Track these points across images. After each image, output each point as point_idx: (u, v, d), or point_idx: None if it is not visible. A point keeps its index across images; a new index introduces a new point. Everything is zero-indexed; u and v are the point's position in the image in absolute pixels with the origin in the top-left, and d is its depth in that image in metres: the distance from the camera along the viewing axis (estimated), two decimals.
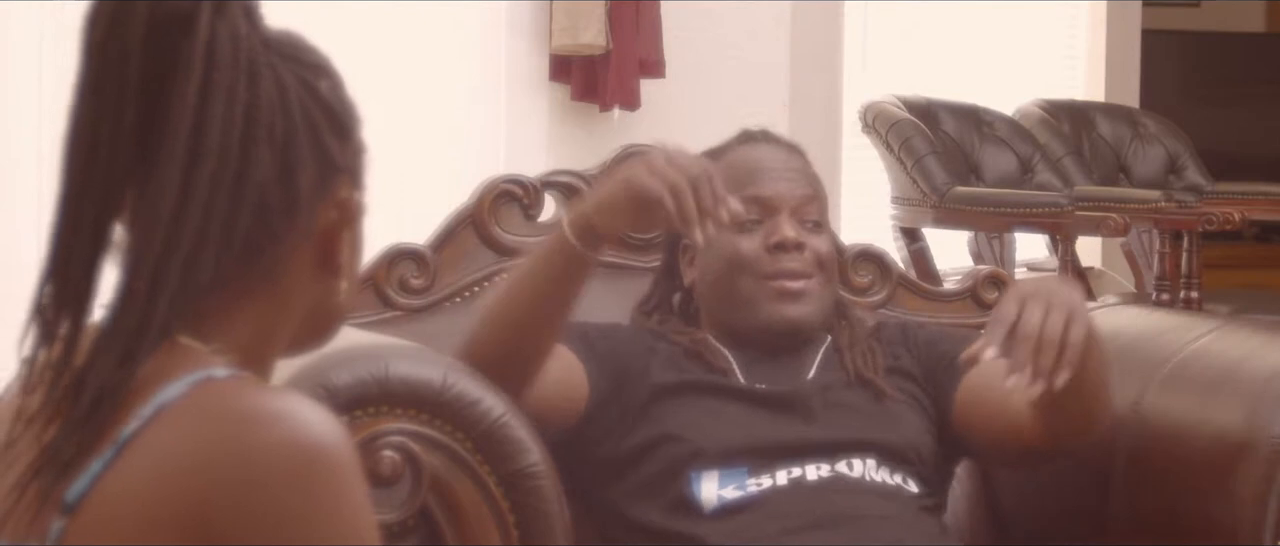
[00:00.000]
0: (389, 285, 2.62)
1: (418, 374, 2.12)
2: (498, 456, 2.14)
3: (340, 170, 1.35)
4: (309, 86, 1.34)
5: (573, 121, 4.74)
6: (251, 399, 1.25)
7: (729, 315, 2.51)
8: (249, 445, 1.22)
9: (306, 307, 1.37)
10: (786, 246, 2.47)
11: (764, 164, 2.54)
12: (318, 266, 1.36)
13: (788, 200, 2.51)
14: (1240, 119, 7.68)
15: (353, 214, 1.37)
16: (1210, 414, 2.37)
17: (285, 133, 1.30)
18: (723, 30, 4.86)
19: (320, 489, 1.22)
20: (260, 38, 1.31)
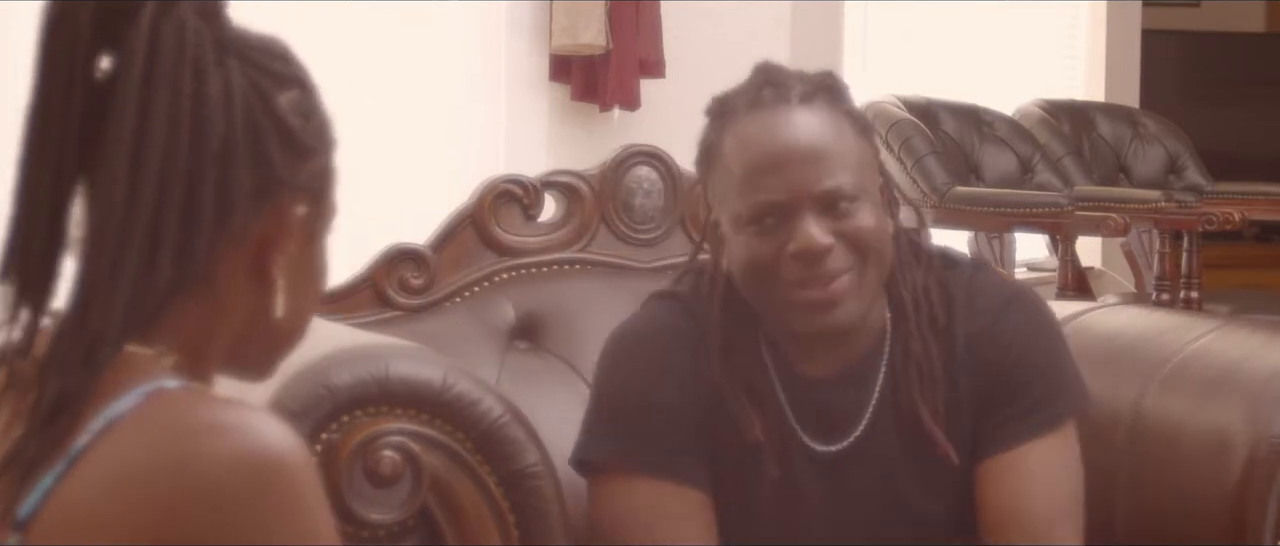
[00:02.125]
0: (389, 285, 2.62)
1: (418, 374, 2.11)
2: (498, 456, 2.14)
3: (284, 184, 1.34)
4: (263, 95, 1.32)
5: (573, 121, 4.74)
6: (204, 411, 1.24)
7: (768, 318, 2.19)
8: (203, 458, 1.21)
9: (242, 320, 1.35)
10: (809, 257, 2.10)
11: (775, 151, 2.13)
12: (252, 278, 1.34)
13: (807, 197, 2.11)
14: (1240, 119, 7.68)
15: (293, 231, 1.35)
16: (1210, 414, 2.37)
17: (225, 135, 1.29)
18: (723, 30, 4.86)
19: (276, 500, 1.21)
20: (214, 37, 1.29)
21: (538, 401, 2.46)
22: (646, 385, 2.19)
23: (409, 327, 2.56)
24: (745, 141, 2.15)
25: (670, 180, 2.72)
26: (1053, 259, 5.13)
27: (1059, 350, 2.25)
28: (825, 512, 2.20)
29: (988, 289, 2.24)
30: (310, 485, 1.24)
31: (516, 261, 2.66)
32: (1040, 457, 2.18)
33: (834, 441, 2.21)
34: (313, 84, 1.38)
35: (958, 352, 2.21)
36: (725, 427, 2.18)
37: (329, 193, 1.40)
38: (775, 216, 2.11)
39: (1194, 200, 5.19)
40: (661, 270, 2.71)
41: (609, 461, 2.20)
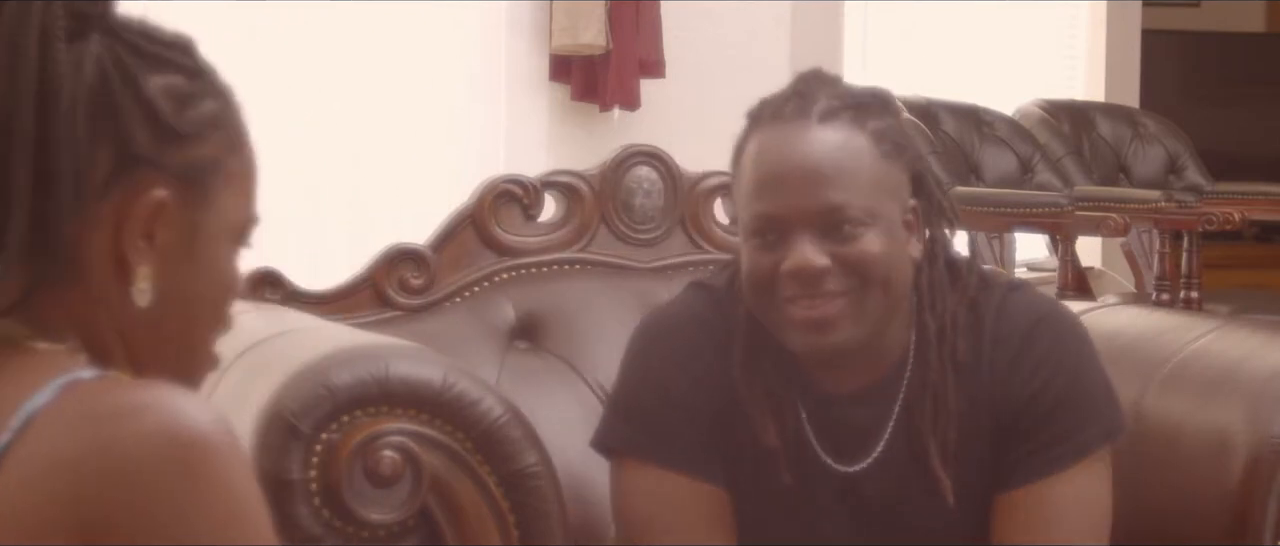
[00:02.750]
0: (389, 285, 2.62)
1: (418, 374, 2.11)
2: (498, 456, 2.14)
3: (145, 163, 1.31)
4: (125, 70, 1.30)
5: (573, 121, 4.74)
6: (120, 394, 1.24)
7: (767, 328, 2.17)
8: (122, 439, 1.20)
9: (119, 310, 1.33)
10: (801, 276, 2.08)
11: (780, 165, 2.11)
12: (114, 264, 1.32)
13: (804, 216, 2.08)
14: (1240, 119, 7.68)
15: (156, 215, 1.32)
16: (1210, 414, 2.37)
17: (71, 104, 1.27)
18: (723, 30, 4.86)
19: (199, 476, 1.20)
20: (75, 10, 1.28)
21: (538, 401, 2.46)
22: (668, 376, 2.18)
23: (409, 327, 2.56)
24: (759, 152, 2.13)
25: (670, 180, 2.72)
26: (1053, 259, 5.13)
27: (1087, 377, 2.18)
28: (837, 531, 2.19)
29: (1015, 313, 2.18)
30: (233, 459, 1.23)
31: (516, 261, 2.66)
32: (1062, 493, 2.14)
33: (849, 461, 2.18)
34: (208, 79, 1.35)
35: (982, 384, 2.17)
36: (742, 429, 2.17)
37: (220, 190, 1.36)
38: (775, 231, 2.09)
39: (1194, 200, 5.19)
40: (661, 270, 2.71)
41: (626, 447, 2.20)
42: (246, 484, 1.24)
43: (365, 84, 4.56)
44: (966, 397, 2.16)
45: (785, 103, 2.15)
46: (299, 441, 2.04)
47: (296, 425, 2.04)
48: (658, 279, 2.71)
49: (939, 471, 2.14)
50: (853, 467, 2.18)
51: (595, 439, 2.25)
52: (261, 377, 2.09)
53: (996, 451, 2.16)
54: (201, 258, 1.36)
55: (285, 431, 2.03)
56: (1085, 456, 2.15)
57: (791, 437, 2.17)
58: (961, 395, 2.16)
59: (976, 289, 2.20)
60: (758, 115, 2.17)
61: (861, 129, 2.12)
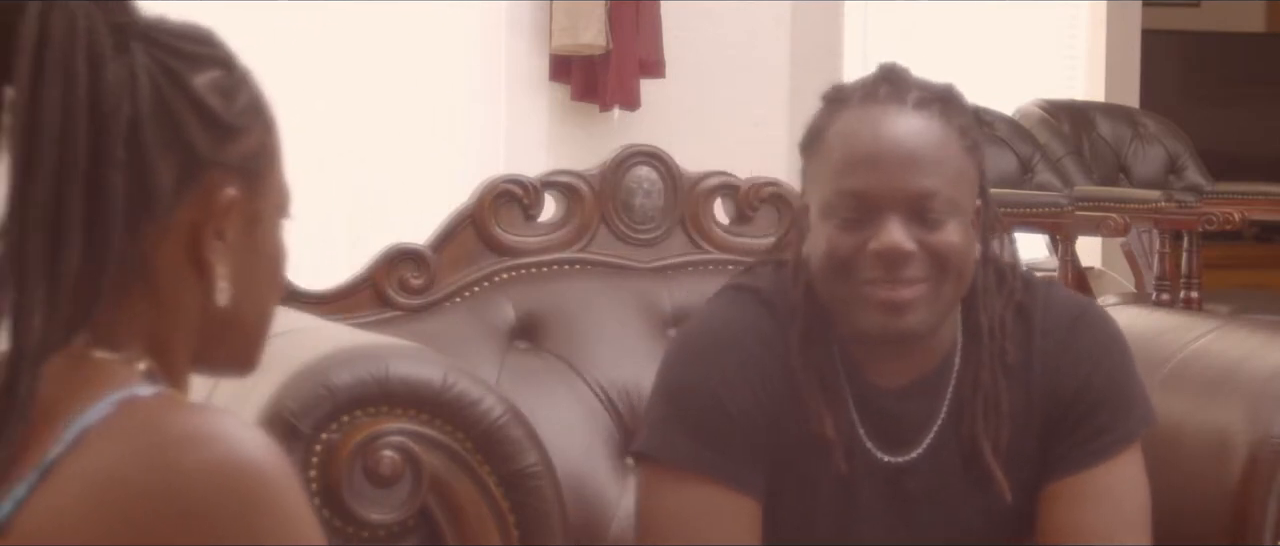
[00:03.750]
0: (389, 285, 2.62)
1: (418, 374, 2.11)
2: (498, 456, 2.14)
3: (209, 165, 1.31)
4: (175, 76, 1.30)
5: (573, 121, 4.74)
6: (180, 420, 1.23)
7: (833, 314, 2.16)
8: (183, 469, 1.19)
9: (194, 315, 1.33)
10: (888, 258, 2.08)
11: (877, 144, 2.10)
12: (190, 266, 1.32)
13: (897, 197, 2.08)
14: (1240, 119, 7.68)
15: (227, 214, 1.32)
16: (1210, 414, 2.37)
17: (133, 119, 1.26)
18: (723, 30, 4.86)
19: (254, 507, 1.20)
20: (114, 22, 1.27)
21: (538, 401, 2.46)
22: (720, 385, 2.16)
23: (409, 327, 2.56)
24: (850, 130, 2.12)
25: (670, 180, 2.72)
26: (1053, 259, 5.13)
27: (1126, 370, 2.22)
28: (882, 522, 2.19)
29: (1058, 306, 2.23)
30: (292, 494, 1.22)
31: (516, 261, 2.66)
32: (1106, 481, 2.17)
33: (898, 453, 2.19)
34: (239, 66, 1.35)
35: (1033, 379, 2.19)
36: (793, 425, 2.17)
37: (270, 173, 1.36)
38: (862, 210, 2.09)
39: (1194, 200, 5.19)
40: (661, 270, 2.71)
41: (670, 456, 2.17)
42: (303, 518, 1.23)
43: (365, 84, 4.56)
44: (1021, 395, 2.18)
45: (877, 86, 2.15)
46: (299, 441, 2.04)
47: (296, 425, 2.04)
48: (658, 279, 2.71)
49: (994, 468, 2.16)
50: (900, 459, 2.19)
51: (639, 445, 2.23)
52: (261, 377, 2.08)
53: (1044, 444, 2.19)
54: (263, 241, 1.37)
55: (285, 431, 2.03)
56: (1129, 445, 2.19)
57: (842, 431, 2.17)
58: (1015, 394, 2.18)
59: (1022, 292, 2.23)
60: (842, 97, 2.17)
61: (950, 122, 2.14)
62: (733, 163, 2.87)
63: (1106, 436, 2.18)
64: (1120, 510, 2.18)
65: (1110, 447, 2.18)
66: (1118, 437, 2.19)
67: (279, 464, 1.22)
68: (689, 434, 2.16)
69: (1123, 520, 2.18)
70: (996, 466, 2.16)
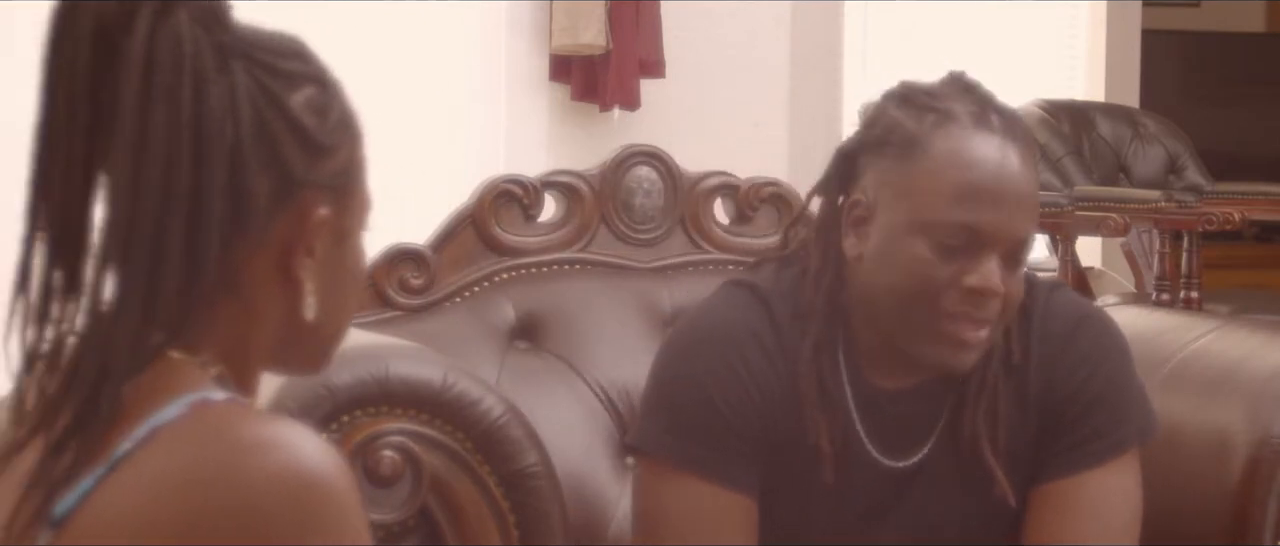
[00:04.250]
0: (389, 285, 2.62)
1: (418, 374, 2.11)
2: (498, 456, 2.14)
3: (304, 184, 1.32)
4: (273, 96, 1.31)
5: (573, 121, 4.74)
6: (249, 426, 1.24)
7: (885, 325, 2.13)
8: (245, 473, 1.20)
9: (278, 324, 1.35)
10: (983, 295, 2.06)
11: (999, 183, 2.08)
12: (280, 281, 1.33)
13: (1006, 239, 2.07)
14: (1240, 119, 7.68)
15: (318, 232, 1.33)
16: (1210, 414, 2.37)
17: (234, 141, 1.27)
18: (723, 30, 4.86)
19: (316, 519, 1.21)
20: (216, 41, 1.28)
21: (538, 401, 2.46)
22: (713, 383, 2.15)
23: (409, 327, 2.56)
24: (970, 157, 2.09)
25: (670, 180, 2.72)
26: (1053, 259, 5.13)
27: (1124, 376, 2.21)
28: (882, 526, 2.19)
29: (1059, 310, 2.21)
30: (352, 506, 1.23)
31: (516, 261, 2.66)
32: (1095, 487, 2.16)
33: (898, 456, 2.19)
34: (331, 79, 1.37)
35: (1031, 381, 2.18)
36: (791, 426, 2.16)
37: (357, 187, 1.38)
38: (969, 242, 2.06)
39: (1194, 200, 5.18)
40: (661, 270, 2.71)
41: (662, 453, 2.17)
42: (361, 531, 1.24)
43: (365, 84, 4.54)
44: (1017, 397, 2.17)
45: (985, 112, 2.14)
46: None
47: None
48: (658, 279, 2.71)
49: (995, 468, 2.15)
50: (901, 463, 2.18)
51: (631, 440, 2.24)
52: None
53: (1038, 447, 2.18)
54: (349, 255, 1.38)
55: None
56: (1122, 453, 2.18)
57: (840, 435, 2.16)
58: (1012, 395, 2.17)
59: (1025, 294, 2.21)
60: (942, 109, 2.14)
61: (1031, 153, 2.16)
62: (733, 163, 2.87)
63: (1098, 442, 2.17)
64: (1105, 519, 2.17)
65: (1102, 453, 2.17)
66: (1110, 444, 2.17)
67: (342, 476, 1.23)
68: (678, 429, 2.16)
69: (1107, 529, 2.16)
70: (998, 467, 2.15)
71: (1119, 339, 2.23)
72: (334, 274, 1.36)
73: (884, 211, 2.11)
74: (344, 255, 1.37)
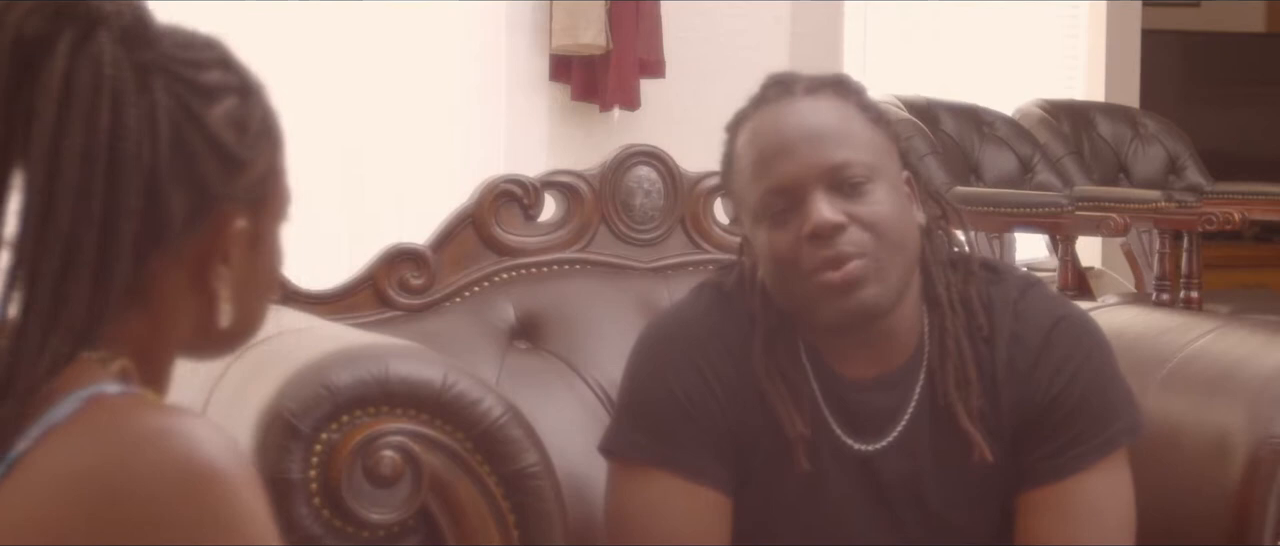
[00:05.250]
0: (389, 285, 2.62)
1: (418, 374, 2.11)
2: (498, 456, 2.14)
3: (221, 199, 1.32)
4: (192, 113, 1.30)
5: (573, 121, 4.74)
6: (142, 418, 1.24)
7: (798, 318, 2.17)
8: (139, 465, 1.20)
9: (190, 326, 1.35)
10: (822, 233, 2.08)
11: (780, 135, 2.12)
12: (193, 291, 1.33)
13: (813, 174, 2.09)
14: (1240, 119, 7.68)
15: (234, 244, 1.34)
16: (1210, 414, 2.37)
17: (151, 161, 1.27)
18: (723, 30, 4.86)
19: (213, 509, 1.20)
20: (137, 60, 1.28)
21: (538, 401, 2.46)
22: (675, 380, 2.18)
23: (409, 327, 2.56)
24: (753, 135, 2.15)
25: (670, 180, 2.72)
26: (1053, 259, 5.13)
27: (1106, 377, 2.20)
28: (851, 510, 2.19)
29: (1033, 314, 2.20)
30: (247, 496, 1.22)
31: (516, 261, 2.66)
32: (1085, 491, 2.16)
33: (869, 440, 2.19)
34: (252, 84, 1.36)
35: (999, 371, 2.18)
36: (758, 423, 2.18)
37: (275, 192, 1.37)
38: (787, 200, 2.10)
39: (1194, 200, 5.19)
40: (661, 270, 2.71)
41: (630, 452, 2.20)
42: (261, 520, 1.23)
43: (365, 84, 4.56)
44: (986, 387, 2.17)
45: (765, 91, 2.19)
46: (299, 441, 2.04)
47: (296, 425, 2.04)
48: (658, 279, 2.71)
49: (969, 428, 2.15)
50: (871, 446, 2.19)
51: (601, 443, 2.25)
52: (261, 377, 2.09)
53: (1018, 451, 2.18)
54: (264, 255, 1.38)
55: (285, 431, 2.03)
56: (1109, 454, 2.18)
57: (810, 423, 2.17)
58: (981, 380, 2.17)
59: (987, 278, 2.22)
60: (739, 117, 2.20)
61: (846, 99, 2.16)
62: None
63: (1082, 446, 2.17)
64: (1096, 523, 2.16)
65: (1087, 457, 2.17)
66: (1095, 447, 2.17)
67: (239, 467, 1.23)
68: (644, 428, 2.19)
69: (1099, 532, 2.16)
70: (974, 429, 2.15)
71: (1098, 338, 2.23)
72: (249, 277, 1.36)
73: (746, 225, 2.18)
74: (259, 258, 1.37)
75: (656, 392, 2.19)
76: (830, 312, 2.11)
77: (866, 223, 2.09)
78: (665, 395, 2.18)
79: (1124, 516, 2.18)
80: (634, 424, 2.20)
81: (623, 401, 2.25)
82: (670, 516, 2.17)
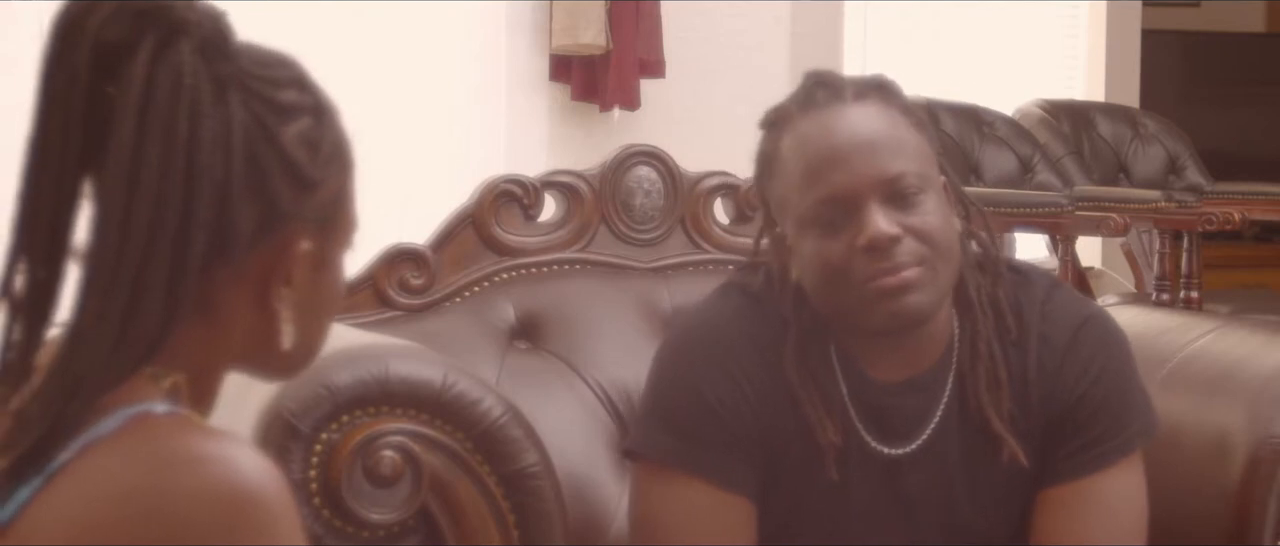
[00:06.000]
0: (389, 285, 2.62)
1: (418, 374, 2.11)
2: (498, 456, 2.14)
3: (289, 218, 1.32)
4: (267, 130, 1.31)
5: (573, 121, 4.74)
6: (183, 441, 1.23)
7: (841, 322, 2.15)
8: (177, 489, 1.20)
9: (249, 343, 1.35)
10: (880, 245, 2.06)
11: (833, 144, 2.09)
12: (256, 309, 1.34)
13: (869, 186, 2.07)
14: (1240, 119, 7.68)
15: (298, 265, 1.34)
16: (1210, 414, 2.37)
17: (224, 175, 1.27)
18: (723, 30, 4.86)
19: (247, 536, 1.20)
20: (215, 73, 1.28)
21: (538, 401, 2.46)
22: (705, 384, 2.16)
23: (409, 327, 2.56)
24: (803, 141, 2.12)
25: (670, 180, 2.72)
26: (1053, 259, 5.13)
27: (1128, 377, 2.21)
28: (877, 515, 2.19)
29: (1060, 314, 2.21)
30: (287, 522, 1.23)
31: (516, 261, 2.66)
32: (1101, 491, 2.16)
33: (898, 444, 2.18)
34: (326, 107, 1.36)
35: (1029, 373, 2.18)
36: (786, 428, 2.16)
37: (342, 216, 1.38)
38: (840, 211, 2.08)
39: (1194, 200, 5.19)
40: (661, 270, 2.71)
41: (658, 455, 2.18)
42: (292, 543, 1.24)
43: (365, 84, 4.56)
44: (1016, 390, 2.17)
45: (811, 93, 2.15)
46: (299, 441, 2.04)
47: (296, 425, 2.04)
48: (658, 279, 2.71)
49: (1004, 434, 2.15)
50: (900, 450, 2.18)
51: (628, 445, 2.24)
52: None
53: (1043, 449, 2.18)
54: (328, 284, 1.38)
55: (285, 431, 2.03)
56: (1128, 454, 2.18)
57: (839, 430, 2.16)
58: (1011, 382, 2.17)
59: (1013, 280, 2.22)
60: (780, 116, 2.17)
61: (891, 104, 2.14)
62: (733, 163, 2.87)
63: (1104, 445, 2.17)
64: (1114, 521, 2.17)
65: (1107, 456, 2.17)
66: (1115, 447, 2.18)
67: (277, 492, 1.23)
68: (673, 430, 2.17)
69: (1116, 531, 2.17)
70: (1006, 432, 2.15)
71: (1121, 338, 2.23)
72: (311, 300, 1.36)
73: (786, 228, 2.15)
74: (322, 281, 1.37)
75: (685, 395, 2.17)
76: (880, 316, 2.09)
77: (920, 233, 2.08)
78: (694, 398, 2.16)
79: (1138, 516, 2.19)
80: (662, 426, 2.18)
81: (649, 403, 2.22)
82: (695, 521, 2.16)
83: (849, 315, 2.12)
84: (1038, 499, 2.18)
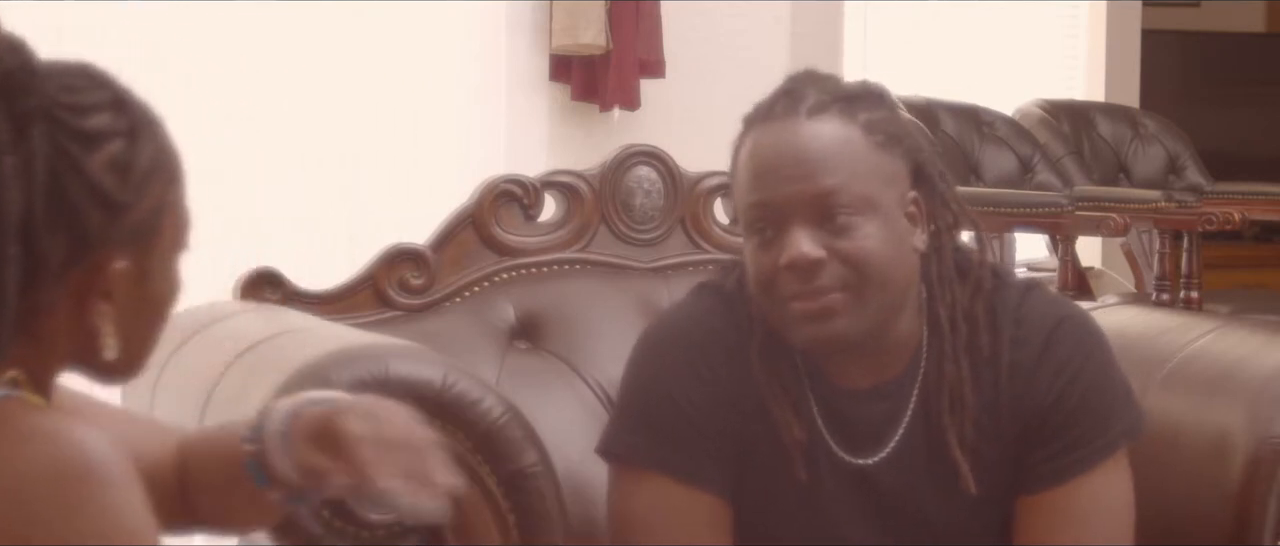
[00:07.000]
0: (389, 285, 2.61)
1: (418, 374, 2.11)
2: (498, 456, 2.14)
3: (100, 242, 1.33)
4: (72, 161, 1.31)
5: (573, 121, 4.74)
6: (22, 420, 1.25)
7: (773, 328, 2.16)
8: (11, 464, 1.22)
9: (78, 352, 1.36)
10: (798, 267, 2.07)
11: (770, 157, 2.11)
12: (76, 323, 1.34)
13: (796, 202, 2.08)
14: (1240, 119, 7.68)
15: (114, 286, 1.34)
16: (1210, 414, 2.37)
17: (26, 211, 1.28)
18: (723, 30, 4.86)
19: (76, 507, 1.22)
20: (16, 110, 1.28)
21: (538, 401, 2.46)
22: (675, 383, 2.18)
23: (409, 327, 2.56)
24: (752, 150, 2.14)
25: (670, 180, 2.72)
26: (1053, 259, 5.13)
27: (1107, 378, 2.20)
28: (848, 524, 2.19)
29: (1035, 316, 2.19)
30: (122, 497, 1.24)
31: (516, 261, 2.66)
32: (1084, 495, 2.16)
33: (864, 454, 2.19)
34: (142, 125, 1.36)
35: (1001, 381, 2.16)
36: (755, 430, 2.17)
37: (165, 226, 1.38)
38: (771, 224, 2.09)
39: (1194, 200, 5.18)
40: (661, 270, 2.71)
41: (628, 454, 2.19)
42: (134, 520, 1.24)
43: (365, 84, 4.56)
44: (986, 399, 2.16)
45: (775, 102, 2.16)
46: None
47: None
48: (658, 279, 2.71)
49: (959, 458, 2.14)
50: (867, 460, 2.18)
51: (600, 445, 2.25)
52: (261, 377, 2.09)
53: (1019, 453, 2.17)
54: (154, 287, 1.38)
55: None
56: (1110, 456, 2.17)
57: (804, 428, 2.16)
58: (981, 395, 2.15)
59: (992, 287, 2.20)
60: (751, 118, 2.18)
61: (852, 120, 2.13)
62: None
63: (1085, 447, 2.16)
64: (1100, 523, 2.16)
65: (1090, 459, 2.16)
66: (1098, 449, 2.17)
67: (112, 466, 1.24)
68: (643, 430, 2.18)
69: (1102, 533, 2.16)
70: (963, 459, 2.14)
71: (1098, 338, 2.22)
72: (135, 312, 1.37)
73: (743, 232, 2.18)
74: (145, 293, 1.38)
75: (656, 395, 2.19)
76: (801, 337, 2.11)
77: (850, 258, 2.08)
78: (664, 398, 2.18)
79: (1124, 517, 2.18)
80: (633, 426, 2.20)
81: (622, 403, 2.25)
82: (668, 519, 2.17)
83: (777, 328, 2.14)
84: (1021, 504, 2.17)
